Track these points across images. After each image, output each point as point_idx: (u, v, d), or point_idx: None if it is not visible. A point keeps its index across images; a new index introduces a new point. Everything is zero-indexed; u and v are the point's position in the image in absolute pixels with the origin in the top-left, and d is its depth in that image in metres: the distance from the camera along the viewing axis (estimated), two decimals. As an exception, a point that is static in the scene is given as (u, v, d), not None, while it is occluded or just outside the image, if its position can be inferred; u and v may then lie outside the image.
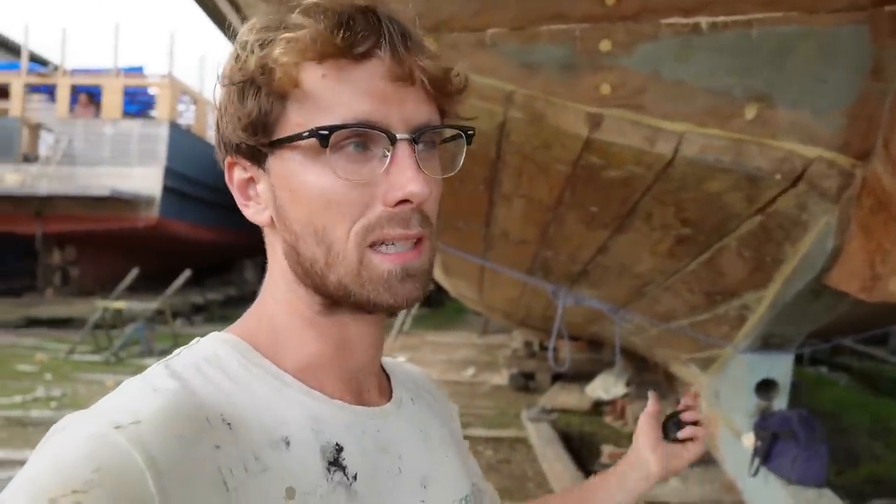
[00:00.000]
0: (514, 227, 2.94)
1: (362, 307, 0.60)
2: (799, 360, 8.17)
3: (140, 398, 0.53)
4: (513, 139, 2.12)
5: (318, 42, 0.56)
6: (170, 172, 13.18)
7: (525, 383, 7.42)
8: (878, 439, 5.74)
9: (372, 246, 0.58)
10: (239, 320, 0.66)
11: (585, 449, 5.29)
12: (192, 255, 13.74)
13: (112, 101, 13.53)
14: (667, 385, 5.65)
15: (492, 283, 4.48)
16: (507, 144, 2.16)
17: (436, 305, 14.20)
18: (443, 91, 0.61)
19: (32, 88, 14.14)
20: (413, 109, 0.58)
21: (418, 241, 0.60)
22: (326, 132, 0.56)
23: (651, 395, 1.05)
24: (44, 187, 12.11)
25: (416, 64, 0.58)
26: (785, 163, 1.89)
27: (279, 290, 0.64)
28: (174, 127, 13.67)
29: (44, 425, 5.45)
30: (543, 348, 7.39)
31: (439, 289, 11.04)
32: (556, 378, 7.32)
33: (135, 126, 13.42)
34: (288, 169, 0.59)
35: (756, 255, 2.34)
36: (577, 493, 0.97)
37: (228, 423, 0.54)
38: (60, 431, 0.50)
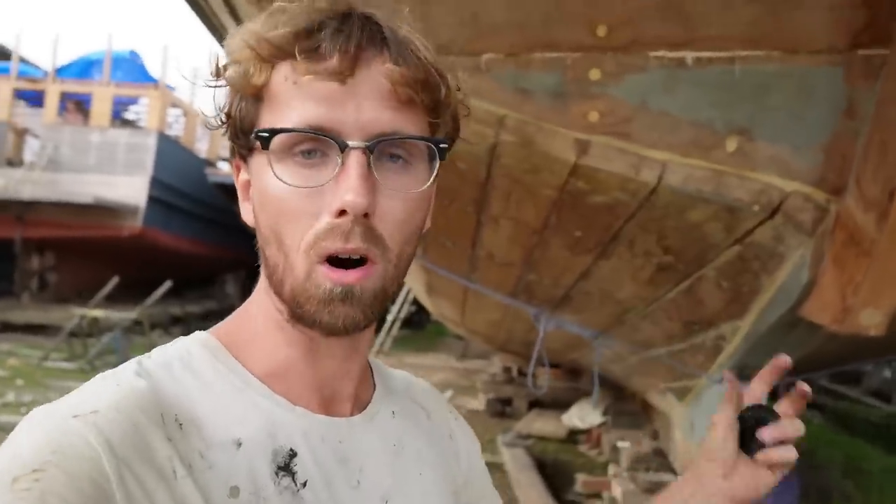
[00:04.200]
0: (499, 249, 2.99)
1: (306, 323, 0.59)
2: (774, 396, 8.26)
3: (101, 391, 0.55)
4: (503, 162, 2.17)
5: (277, 48, 0.56)
6: (156, 182, 13.14)
7: (502, 409, 7.42)
8: (849, 478, 5.80)
9: (321, 261, 0.56)
10: (223, 321, 0.68)
11: (559, 477, 5.28)
12: (173, 266, 13.63)
13: (101, 109, 13.51)
14: (644, 415, 5.69)
15: (475, 306, 4.51)
16: (497, 167, 2.21)
17: (416, 327, 14.18)
18: (416, 100, 0.58)
19: (21, 94, 14.09)
20: (372, 116, 0.56)
21: (366, 262, 0.57)
22: (266, 135, 0.56)
23: (727, 376, 0.78)
24: (27, 192, 12.02)
25: (378, 67, 0.56)
26: (763, 195, 1.96)
27: (260, 293, 0.65)
28: (162, 137, 13.66)
29: (12, 430, 5.34)
30: (522, 374, 7.41)
31: (420, 310, 11.04)
32: (533, 405, 7.33)
33: (122, 135, 13.40)
34: (257, 171, 0.60)
35: (733, 286, 2.41)
36: None
37: (180, 424, 0.56)
38: (24, 422, 0.53)
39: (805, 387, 0.72)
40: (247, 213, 0.64)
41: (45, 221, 12.29)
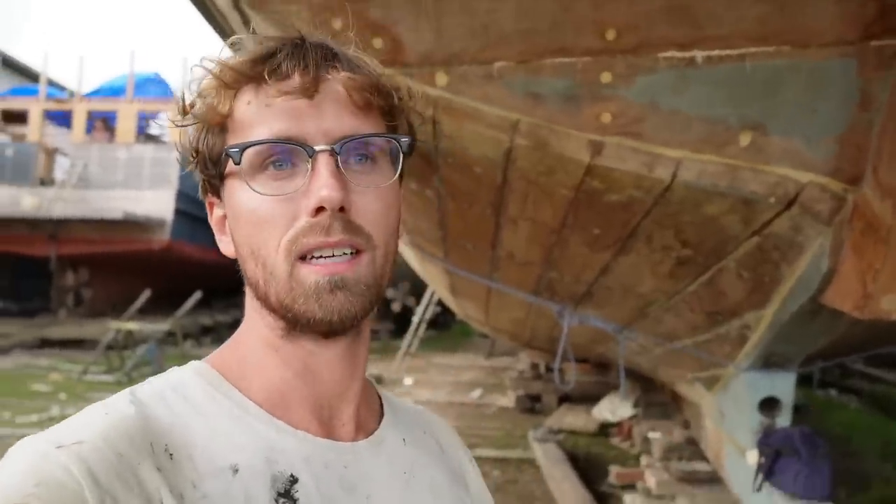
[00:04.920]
0: (519, 249, 3.04)
1: (300, 325, 0.60)
2: (808, 382, 8.17)
3: (90, 421, 0.55)
4: (518, 165, 2.21)
5: (238, 73, 0.59)
6: (181, 196, 13.37)
7: (531, 405, 7.45)
8: (888, 462, 5.73)
9: (302, 259, 0.58)
10: (217, 349, 0.68)
11: (592, 469, 5.31)
12: (201, 277, 13.87)
13: (126, 126, 13.80)
14: (674, 405, 5.68)
15: (498, 305, 4.56)
16: (512, 170, 2.26)
17: (442, 328, 14.24)
18: (373, 104, 0.61)
19: (50, 114, 14.43)
20: (334, 122, 0.59)
21: (356, 254, 0.59)
22: (236, 150, 0.59)
23: None
24: (58, 210, 12.32)
25: (334, 78, 0.60)
26: (779, 187, 1.98)
27: (249, 318, 0.65)
28: (186, 151, 13.88)
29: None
30: (550, 370, 7.43)
31: (446, 311, 11.11)
32: (563, 400, 7.35)
33: (147, 150, 13.66)
34: (229, 194, 0.62)
35: (754, 276, 2.42)
36: None
37: (171, 454, 0.55)
38: (11, 452, 0.53)
39: None
40: (226, 246, 0.66)
41: (77, 238, 12.58)
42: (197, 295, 10.09)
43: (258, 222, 0.59)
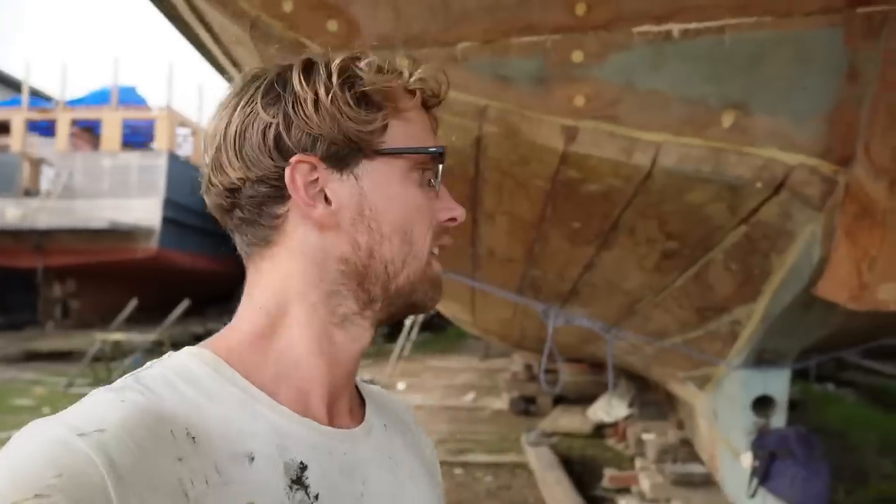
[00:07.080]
0: (499, 246, 2.91)
1: (410, 306, 0.67)
2: (805, 376, 8.05)
3: (105, 408, 0.53)
4: (490, 155, 2.08)
5: (418, 85, 0.66)
6: (169, 203, 13.24)
7: (526, 407, 7.32)
8: (886, 457, 5.61)
9: (434, 252, 0.66)
10: (215, 335, 0.67)
11: (587, 473, 5.19)
12: (192, 284, 13.71)
13: (111, 134, 13.67)
14: (667, 405, 5.56)
15: (483, 305, 4.43)
16: (484, 160, 2.13)
17: (437, 330, 14.12)
18: None
19: (35, 124, 14.29)
20: None
21: None
22: (436, 150, 0.66)
23: None
24: (44, 221, 12.20)
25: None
26: (765, 170, 1.85)
27: (297, 303, 0.64)
28: (173, 158, 13.76)
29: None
30: (545, 371, 7.30)
31: (439, 313, 10.99)
32: (558, 401, 7.21)
33: (133, 158, 13.52)
34: (387, 176, 0.65)
35: (743, 268, 2.30)
36: None
37: (193, 437, 0.55)
38: (23, 436, 0.50)
39: None
40: (325, 214, 0.63)
41: (63, 249, 12.45)
42: (184, 303, 9.94)
43: (419, 210, 0.65)
